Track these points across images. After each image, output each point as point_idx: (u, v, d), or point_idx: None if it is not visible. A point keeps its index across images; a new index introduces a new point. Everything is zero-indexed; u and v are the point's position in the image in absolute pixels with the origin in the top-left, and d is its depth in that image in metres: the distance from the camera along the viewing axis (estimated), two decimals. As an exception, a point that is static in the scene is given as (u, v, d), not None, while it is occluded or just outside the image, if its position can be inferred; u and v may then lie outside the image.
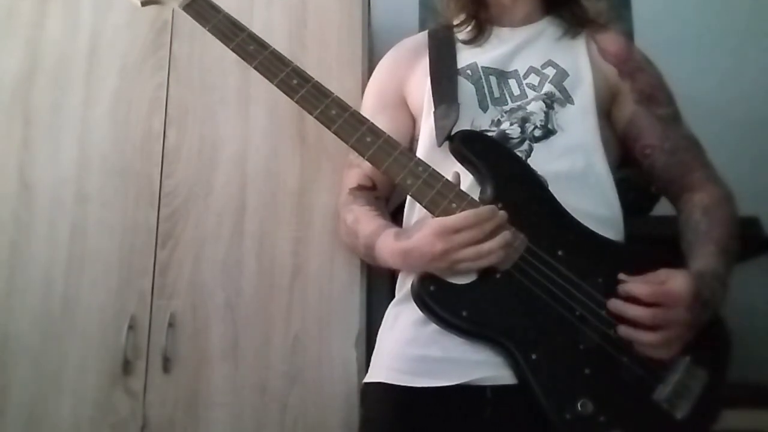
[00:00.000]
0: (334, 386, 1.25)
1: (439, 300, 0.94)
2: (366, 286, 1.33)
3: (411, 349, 1.01)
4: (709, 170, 1.11)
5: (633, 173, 1.22)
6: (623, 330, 0.92)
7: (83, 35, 1.44)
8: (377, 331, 1.14)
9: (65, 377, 1.26)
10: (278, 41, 1.42)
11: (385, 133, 1.04)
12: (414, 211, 1.11)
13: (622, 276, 0.94)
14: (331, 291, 1.30)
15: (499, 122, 1.09)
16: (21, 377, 1.26)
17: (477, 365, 0.95)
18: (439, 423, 0.96)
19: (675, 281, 0.92)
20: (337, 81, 1.40)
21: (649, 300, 0.91)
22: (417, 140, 1.18)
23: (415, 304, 0.97)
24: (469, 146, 1.03)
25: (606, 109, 1.12)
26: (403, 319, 1.03)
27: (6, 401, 1.25)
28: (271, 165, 1.36)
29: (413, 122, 1.21)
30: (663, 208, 1.37)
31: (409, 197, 1.10)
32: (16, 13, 1.45)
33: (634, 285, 0.92)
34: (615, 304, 0.93)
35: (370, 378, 1.08)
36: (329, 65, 1.42)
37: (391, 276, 1.21)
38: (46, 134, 1.39)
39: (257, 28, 1.40)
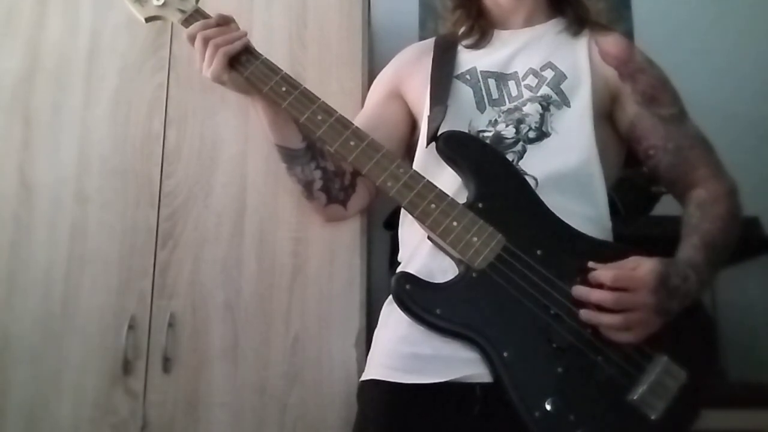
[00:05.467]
0: (334, 386, 1.25)
1: (415, 298, 0.96)
2: (366, 286, 1.33)
3: (402, 347, 1.02)
4: (713, 167, 1.10)
5: (633, 173, 1.22)
6: (585, 314, 0.92)
7: (83, 35, 1.44)
8: (377, 330, 1.14)
9: (65, 377, 1.26)
10: (278, 41, 1.43)
11: (369, 136, 1.04)
12: (408, 215, 1.12)
13: (591, 264, 0.94)
14: (331, 291, 1.30)
15: (495, 122, 1.09)
16: (21, 377, 1.26)
17: (466, 363, 0.95)
18: (430, 419, 0.97)
19: (642, 267, 0.92)
20: (337, 81, 1.41)
21: (613, 285, 0.91)
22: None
23: None
24: (452, 146, 1.04)
25: (606, 112, 1.12)
26: (395, 317, 1.03)
27: (6, 401, 1.25)
28: (271, 165, 1.36)
29: (408, 117, 1.22)
30: (663, 208, 1.37)
31: None
32: (16, 13, 1.45)
33: (600, 271, 0.93)
34: (578, 290, 0.93)
35: (365, 376, 1.09)
36: (329, 65, 1.42)
37: (391, 274, 1.21)
38: (46, 134, 1.39)
39: (257, 29, 1.42)
